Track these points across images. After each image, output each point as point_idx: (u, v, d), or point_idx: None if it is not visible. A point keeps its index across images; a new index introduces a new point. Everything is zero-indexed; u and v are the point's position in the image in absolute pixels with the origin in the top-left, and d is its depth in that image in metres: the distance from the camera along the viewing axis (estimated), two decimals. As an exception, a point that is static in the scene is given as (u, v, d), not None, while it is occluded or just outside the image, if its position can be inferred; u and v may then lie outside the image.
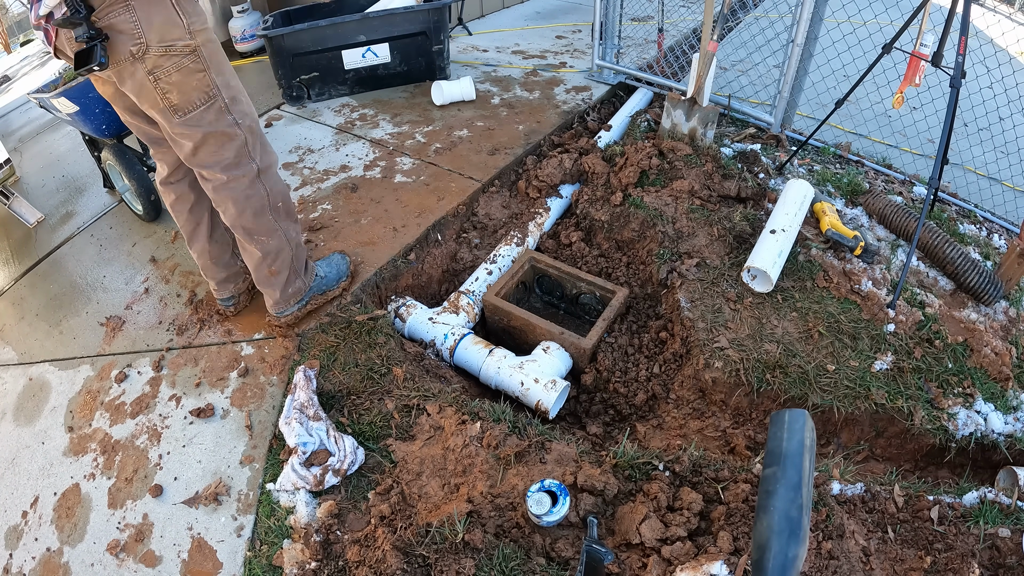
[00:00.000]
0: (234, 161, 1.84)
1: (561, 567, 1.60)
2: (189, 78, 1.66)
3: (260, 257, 2.04)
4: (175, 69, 1.63)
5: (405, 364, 2.19)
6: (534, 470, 1.79)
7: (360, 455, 1.90)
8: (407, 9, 3.73)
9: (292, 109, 3.82)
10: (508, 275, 2.68)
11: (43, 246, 3.04)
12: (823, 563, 1.52)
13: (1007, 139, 3.32)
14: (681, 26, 5.03)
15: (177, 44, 1.61)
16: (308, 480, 1.81)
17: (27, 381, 2.41)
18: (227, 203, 1.91)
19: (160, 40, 1.58)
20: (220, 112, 1.76)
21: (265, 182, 1.94)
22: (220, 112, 1.76)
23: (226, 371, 2.21)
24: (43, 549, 1.89)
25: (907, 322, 2.34)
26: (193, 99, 1.70)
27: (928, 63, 2.45)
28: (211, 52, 1.70)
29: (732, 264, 2.61)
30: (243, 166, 1.87)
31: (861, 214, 2.95)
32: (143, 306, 2.54)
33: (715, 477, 1.77)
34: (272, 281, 2.11)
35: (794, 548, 0.65)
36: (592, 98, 3.87)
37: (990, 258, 2.78)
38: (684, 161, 3.00)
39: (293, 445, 1.87)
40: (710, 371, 2.24)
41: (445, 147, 3.36)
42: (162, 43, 1.59)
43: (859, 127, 4.04)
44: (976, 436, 2.09)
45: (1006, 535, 1.66)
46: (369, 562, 1.61)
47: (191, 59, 1.65)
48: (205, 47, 1.68)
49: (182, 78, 1.65)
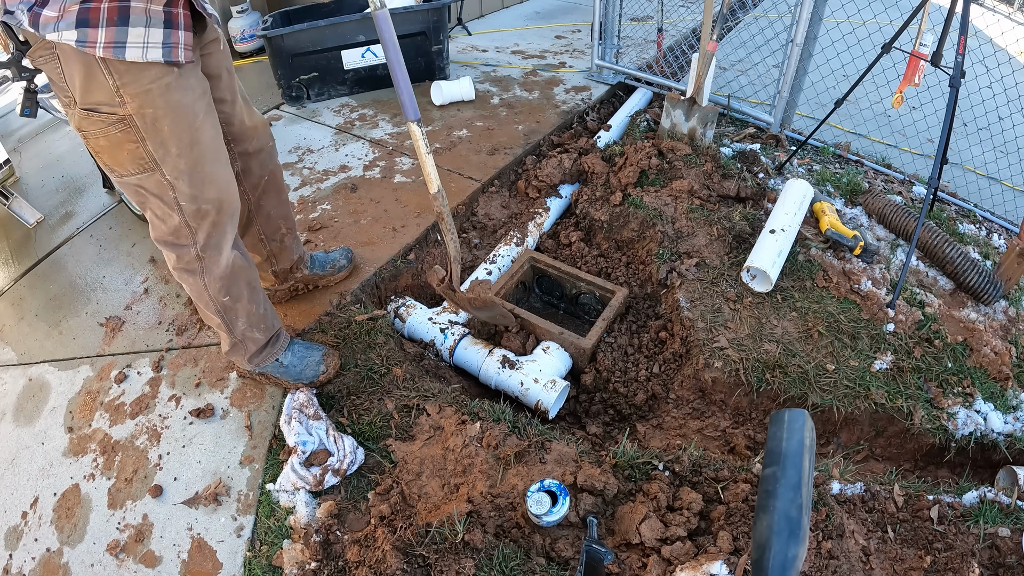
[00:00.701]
0: (167, 237, 1.61)
1: (561, 567, 1.60)
2: (117, 148, 1.42)
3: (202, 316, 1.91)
4: (102, 135, 1.40)
5: (405, 364, 2.19)
6: (534, 470, 1.79)
7: (360, 455, 1.90)
8: (406, 9, 3.73)
9: (291, 109, 3.81)
10: (508, 275, 2.68)
11: (43, 246, 3.04)
12: (823, 563, 1.52)
13: (1006, 139, 3.32)
14: (680, 26, 5.03)
15: (99, 110, 1.35)
16: (308, 480, 1.81)
17: (27, 381, 2.40)
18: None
19: (82, 102, 1.35)
20: (160, 185, 1.50)
21: (205, 274, 1.68)
22: (160, 185, 1.50)
23: (226, 371, 2.21)
24: (43, 549, 1.89)
25: (907, 322, 2.34)
26: (126, 166, 1.47)
27: (927, 63, 2.45)
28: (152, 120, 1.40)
29: (732, 264, 2.61)
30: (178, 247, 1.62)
31: (860, 214, 2.95)
32: (143, 306, 2.54)
33: (715, 477, 1.77)
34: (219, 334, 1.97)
35: (794, 548, 0.65)
36: (591, 98, 3.87)
37: (989, 257, 2.79)
38: (684, 161, 3.00)
39: (293, 444, 1.87)
40: (710, 371, 2.24)
41: (444, 147, 3.36)
42: (83, 105, 1.36)
43: (858, 127, 4.04)
44: (976, 436, 2.09)
45: (1006, 534, 1.67)
46: (369, 562, 1.61)
47: (118, 128, 1.38)
48: (142, 115, 1.38)
49: (109, 145, 1.42)
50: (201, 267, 1.68)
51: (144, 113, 1.38)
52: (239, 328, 1.87)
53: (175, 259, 1.66)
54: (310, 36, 3.62)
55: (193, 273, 1.69)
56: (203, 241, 1.63)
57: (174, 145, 1.46)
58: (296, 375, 2.05)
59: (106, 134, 1.39)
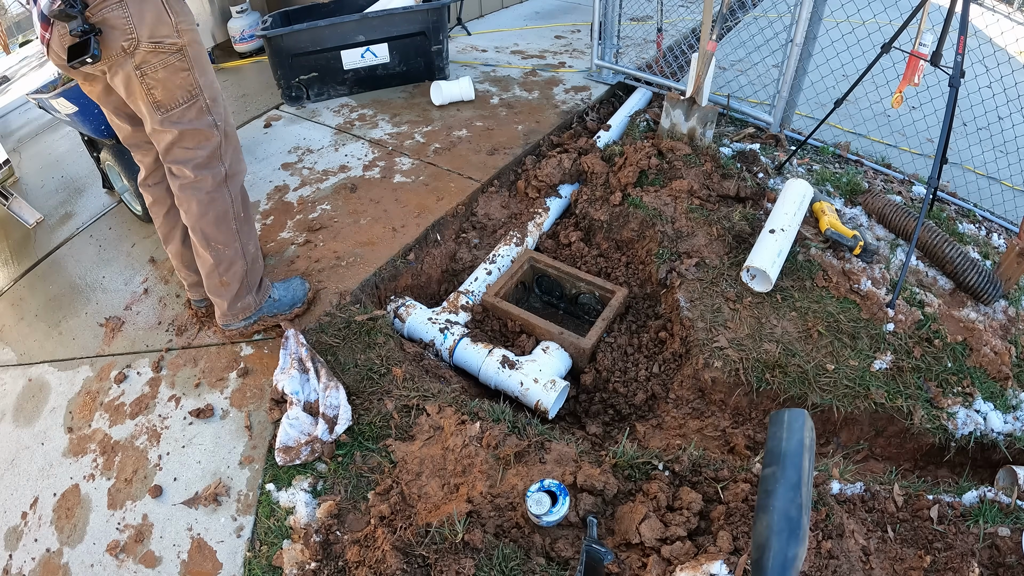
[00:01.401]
0: (205, 161, 1.88)
1: (561, 567, 1.60)
2: (174, 75, 1.72)
3: (212, 265, 2.04)
4: (161, 66, 1.69)
5: (404, 364, 2.19)
6: (534, 470, 1.79)
7: (348, 413, 1.99)
8: (406, 9, 3.73)
9: (291, 109, 3.81)
10: (507, 275, 2.68)
11: (42, 247, 3.04)
12: (823, 562, 1.52)
13: (1006, 138, 3.32)
14: (680, 26, 5.04)
15: (165, 41, 1.66)
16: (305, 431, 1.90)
17: (26, 382, 2.40)
18: (191, 202, 1.93)
19: (150, 36, 1.64)
20: (200, 111, 1.81)
21: (231, 188, 1.97)
22: (200, 111, 1.81)
23: (225, 371, 2.21)
24: (43, 550, 1.89)
25: (906, 321, 2.34)
26: (176, 96, 1.76)
27: (927, 62, 2.45)
28: (196, 53, 1.75)
29: (731, 264, 2.61)
30: (212, 167, 1.90)
31: (860, 213, 2.95)
32: (142, 307, 2.54)
33: (715, 477, 1.77)
34: (222, 291, 2.11)
35: (794, 547, 0.65)
36: (591, 98, 3.87)
37: (989, 257, 2.79)
38: (683, 161, 3.00)
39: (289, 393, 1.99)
40: (709, 371, 2.24)
41: (444, 147, 3.36)
42: (151, 39, 1.64)
43: (858, 126, 4.04)
44: (975, 435, 2.09)
45: (1006, 534, 1.67)
46: (369, 562, 1.61)
47: (177, 57, 1.70)
48: (191, 47, 1.73)
49: (167, 75, 1.71)
50: (228, 186, 1.97)
51: (193, 46, 1.74)
52: (251, 251, 2.10)
53: (211, 179, 1.92)
54: (310, 36, 3.62)
55: (223, 193, 1.96)
56: (230, 160, 1.94)
57: (209, 72, 1.82)
58: (290, 303, 2.29)
59: (166, 64, 1.69)
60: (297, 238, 2.73)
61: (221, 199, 1.96)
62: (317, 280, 2.49)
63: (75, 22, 1.54)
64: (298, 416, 1.97)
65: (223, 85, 3.45)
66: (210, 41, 4.38)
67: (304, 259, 2.61)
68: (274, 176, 3.17)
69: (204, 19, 4.26)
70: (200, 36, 1.78)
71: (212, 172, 1.91)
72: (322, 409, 1.98)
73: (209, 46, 4.34)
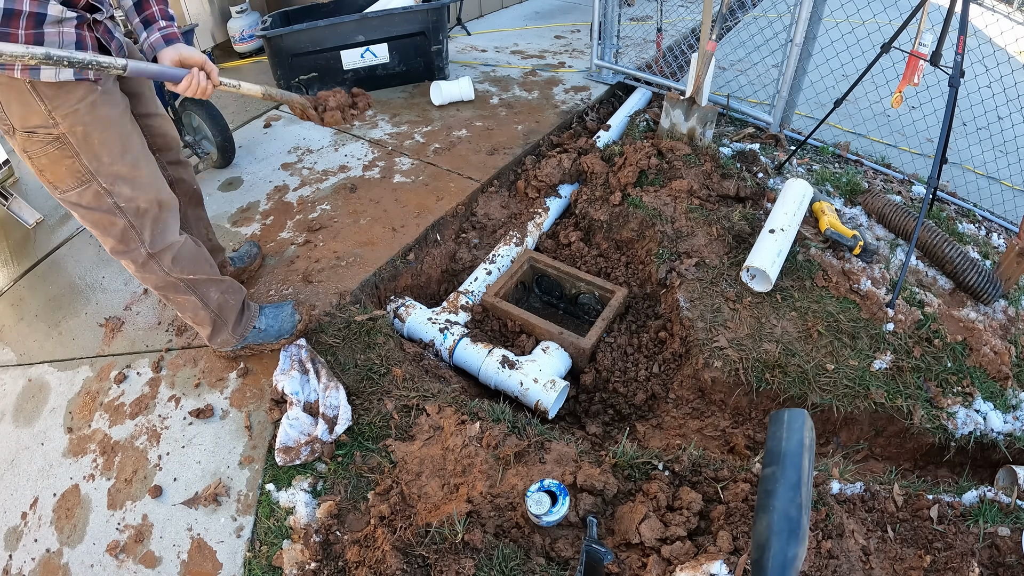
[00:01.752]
0: (116, 245, 1.77)
1: (561, 567, 1.60)
2: (57, 163, 1.59)
3: (180, 312, 2.03)
4: (42, 153, 1.56)
5: (404, 364, 2.19)
6: (533, 470, 1.79)
7: (348, 413, 1.98)
8: (406, 9, 3.73)
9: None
10: (507, 275, 2.68)
11: (42, 247, 3.04)
12: (823, 562, 1.52)
13: (1006, 138, 3.33)
14: (680, 26, 5.04)
15: (38, 131, 1.52)
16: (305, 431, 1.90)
17: (26, 382, 2.40)
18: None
19: (22, 126, 1.51)
20: (97, 195, 1.66)
21: (161, 264, 1.83)
22: (97, 195, 1.66)
23: (225, 371, 2.21)
24: (43, 550, 1.89)
25: (906, 321, 2.34)
26: (66, 181, 1.63)
27: (927, 62, 2.45)
28: (82, 137, 1.57)
29: (731, 264, 2.61)
30: (128, 252, 1.78)
31: (860, 213, 2.95)
32: (142, 307, 2.54)
33: (715, 477, 1.77)
34: (199, 329, 2.10)
35: (793, 547, 0.65)
36: (591, 98, 3.88)
37: (989, 257, 2.79)
38: (683, 161, 3.00)
39: (289, 393, 1.98)
40: (709, 371, 2.24)
41: (444, 147, 3.36)
42: (24, 128, 1.52)
43: (858, 126, 4.04)
44: (975, 435, 2.09)
45: (1005, 534, 1.67)
46: (369, 562, 1.61)
47: (55, 146, 1.56)
48: (73, 133, 1.55)
49: (50, 162, 1.58)
50: (157, 262, 1.82)
51: (75, 131, 1.55)
52: (214, 298, 1.99)
53: (132, 265, 1.81)
54: (309, 36, 3.62)
55: (152, 271, 1.83)
56: (149, 238, 1.78)
57: (106, 155, 1.62)
58: (276, 334, 2.19)
59: (46, 153, 1.55)
60: (297, 238, 2.73)
61: (155, 275, 1.84)
62: (317, 280, 2.49)
63: None
64: (298, 416, 1.98)
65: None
66: (210, 41, 4.38)
67: (304, 259, 2.61)
68: (274, 176, 3.17)
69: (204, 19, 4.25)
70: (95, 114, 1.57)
71: (129, 256, 1.78)
72: (322, 409, 1.98)
73: (209, 46, 4.34)
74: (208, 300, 1.99)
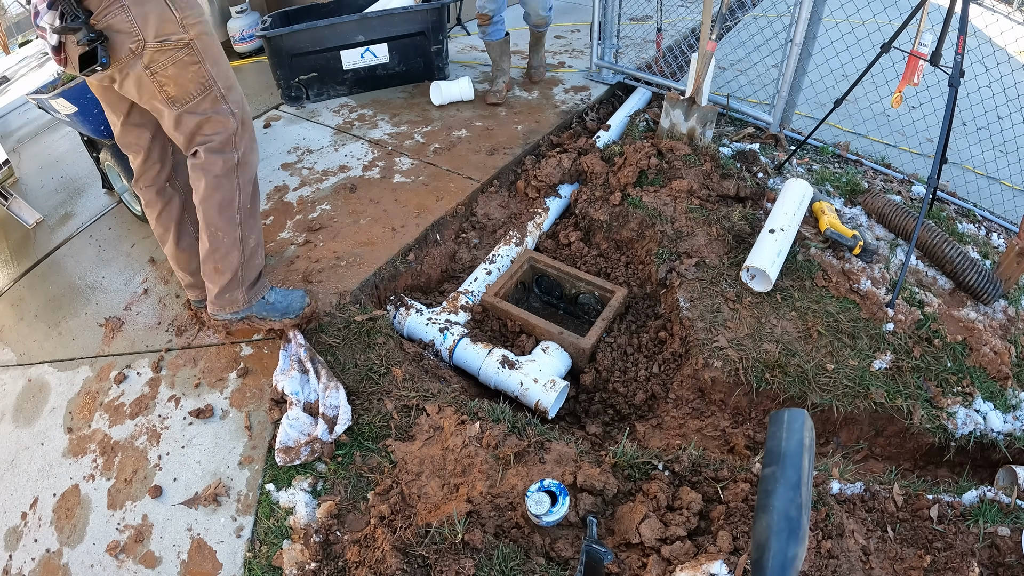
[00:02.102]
0: (219, 145, 1.90)
1: (561, 567, 1.60)
2: (184, 70, 1.74)
3: (209, 250, 2.03)
4: (171, 63, 1.71)
5: (404, 364, 2.19)
6: (533, 470, 1.79)
7: (348, 413, 1.98)
8: (405, 9, 3.73)
9: (291, 109, 3.81)
10: (507, 275, 2.68)
11: (42, 247, 3.04)
12: (823, 562, 1.52)
13: (1006, 138, 3.33)
14: (680, 26, 5.03)
15: (171, 39, 1.69)
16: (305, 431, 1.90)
17: (26, 382, 2.40)
18: (199, 182, 1.94)
19: (155, 36, 1.66)
20: (215, 100, 1.84)
21: (240, 176, 1.97)
22: (215, 100, 1.84)
23: (225, 372, 2.21)
24: (43, 550, 1.89)
25: (906, 321, 2.34)
26: (189, 90, 1.78)
27: (927, 62, 2.45)
28: (206, 44, 1.77)
29: (731, 264, 2.61)
30: (224, 152, 1.92)
31: (860, 213, 2.95)
32: (142, 307, 2.54)
33: (714, 477, 1.77)
34: (214, 278, 2.09)
35: (793, 547, 0.65)
36: (591, 98, 3.87)
37: (989, 257, 2.79)
38: (683, 161, 3.00)
39: (289, 393, 1.98)
40: (709, 371, 2.24)
41: (444, 147, 3.36)
42: (157, 38, 1.67)
43: (858, 126, 4.04)
44: (975, 435, 2.09)
45: (1005, 534, 1.67)
46: (369, 562, 1.61)
47: (185, 52, 1.72)
48: (199, 40, 1.74)
49: (178, 71, 1.73)
50: (238, 171, 1.96)
51: (201, 37, 1.75)
52: (251, 244, 2.07)
53: (221, 163, 1.92)
54: (309, 36, 3.62)
55: (231, 180, 1.95)
56: (243, 148, 1.95)
57: (221, 63, 1.84)
58: (283, 310, 2.20)
59: (175, 60, 1.72)
60: (297, 238, 2.73)
61: (228, 185, 1.96)
62: (317, 280, 2.49)
63: (81, 32, 1.58)
64: (298, 416, 1.97)
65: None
66: (210, 41, 4.38)
67: (304, 259, 2.61)
68: (274, 176, 3.17)
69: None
70: (210, 26, 1.80)
71: (223, 157, 1.92)
72: (322, 409, 1.98)
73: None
74: (246, 243, 2.06)
